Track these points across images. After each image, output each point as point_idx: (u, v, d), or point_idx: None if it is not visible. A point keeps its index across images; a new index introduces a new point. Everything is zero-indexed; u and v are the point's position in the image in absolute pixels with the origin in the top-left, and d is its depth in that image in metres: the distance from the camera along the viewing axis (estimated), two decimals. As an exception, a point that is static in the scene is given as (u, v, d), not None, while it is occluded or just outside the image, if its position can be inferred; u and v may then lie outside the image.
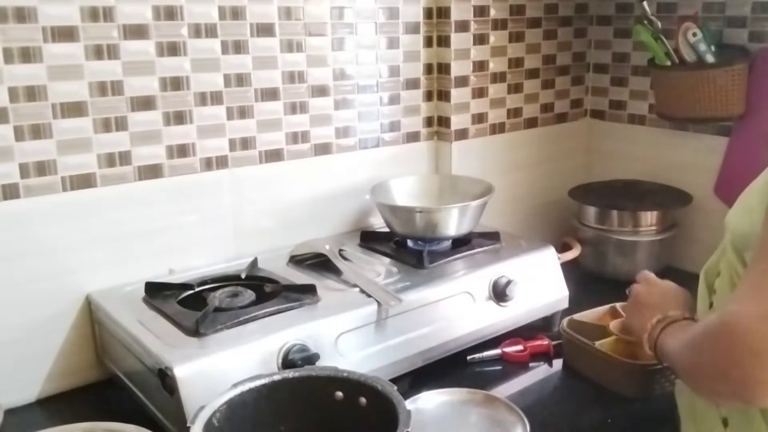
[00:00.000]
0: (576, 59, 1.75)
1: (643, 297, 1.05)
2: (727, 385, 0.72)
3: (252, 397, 0.87)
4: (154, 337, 1.02)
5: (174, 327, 1.04)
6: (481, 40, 1.54)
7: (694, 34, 1.44)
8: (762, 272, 0.73)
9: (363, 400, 0.87)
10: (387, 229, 1.40)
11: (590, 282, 1.55)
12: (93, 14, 1.11)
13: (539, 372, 1.22)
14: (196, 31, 1.22)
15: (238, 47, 1.27)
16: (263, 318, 1.06)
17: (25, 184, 1.10)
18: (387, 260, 1.31)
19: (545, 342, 1.26)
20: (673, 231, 1.58)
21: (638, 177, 1.71)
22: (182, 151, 1.25)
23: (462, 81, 1.54)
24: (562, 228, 1.68)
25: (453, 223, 1.31)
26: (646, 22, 1.48)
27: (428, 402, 1.07)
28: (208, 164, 1.28)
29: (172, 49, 1.20)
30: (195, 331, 1.01)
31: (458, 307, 1.20)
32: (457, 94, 1.54)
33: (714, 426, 0.86)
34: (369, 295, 1.13)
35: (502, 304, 1.24)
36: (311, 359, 1.00)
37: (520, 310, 1.27)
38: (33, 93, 1.09)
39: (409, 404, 0.91)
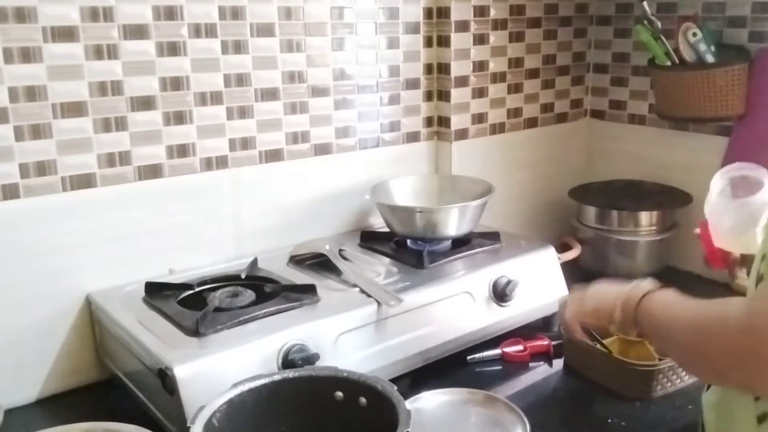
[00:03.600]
0: (576, 59, 1.75)
1: (603, 285, 1.01)
2: (740, 373, 0.71)
3: (252, 397, 0.87)
4: (154, 337, 1.02)
5: (174, 327, 1.04)
6: (481, 40, 1.54)
7: (694, 34, 1.43)
8: None
9: (363, 400, 0.87)
10: (387, 229, 1.40)
11: (590, 282, 1.54)
12: (93, 14, 1.11)
13: (539, 372, 1.22)
14: (196, 31, 1.22)
15: (238, 47, 1.27)
16: (263, 318, 1.06)
17: (25, 184, 1.10)
18: (387, 260, 1.31)
19: (545, 342, 1.26)
20: (673, 231, 1.58)
21: (638, 177, 1.71)
22: (182, 151, 1.25)
23: (462, 81, 1.54)
24: (562, 228, 1.68)
25: (453, 223, 1.31)
26: (646, 22, 1.48)
27: (428, 402, 1.07)
28: (208, 164, 1.28)
29: (172, 49, 1.20)
30: (195, 331, 1.01)
31: (458, 307, 1.20)
32: (457, 94, 1.54)
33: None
34: (369, 295, 1.13)
35: (502, 304, 1.24)
36: (311, 359, 1.00)
37: (520, 310, 1.27)
38: (33, 93, 1.09)
39: (409, 404, 0.91)
